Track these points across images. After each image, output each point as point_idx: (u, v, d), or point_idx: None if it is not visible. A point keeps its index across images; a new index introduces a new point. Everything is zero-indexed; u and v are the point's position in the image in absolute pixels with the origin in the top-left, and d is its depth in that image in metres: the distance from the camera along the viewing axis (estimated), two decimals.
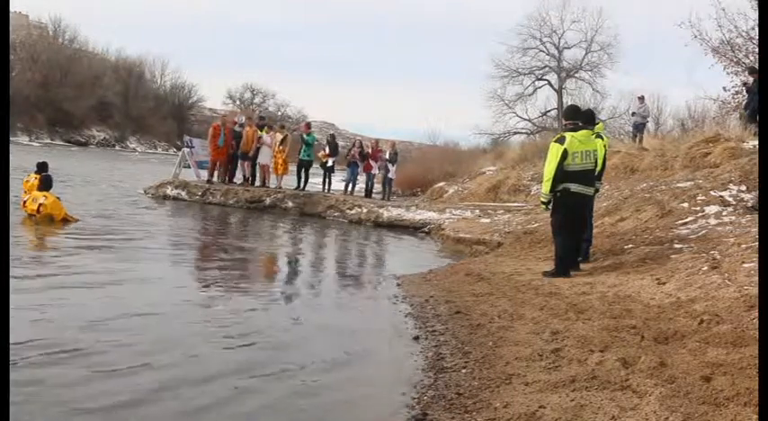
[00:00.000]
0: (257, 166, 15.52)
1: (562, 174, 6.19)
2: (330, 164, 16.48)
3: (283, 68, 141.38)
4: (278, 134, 15.45)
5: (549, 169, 6.21)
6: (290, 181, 15.67)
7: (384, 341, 4.62)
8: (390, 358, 4.16)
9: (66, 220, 8.80)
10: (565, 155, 6.14)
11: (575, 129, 6.32)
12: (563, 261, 6.37)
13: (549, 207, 6.43)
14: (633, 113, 18.40)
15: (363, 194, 16.38)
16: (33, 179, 9.87)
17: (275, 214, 13.68)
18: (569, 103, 16.68)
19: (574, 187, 6.26)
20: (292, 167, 15.89)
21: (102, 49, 60.86)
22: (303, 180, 15.50)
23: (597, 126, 7.07)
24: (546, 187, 6.29)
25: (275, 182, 15.32)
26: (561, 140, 6.21)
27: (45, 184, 9.12)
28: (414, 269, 7.62)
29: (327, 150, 16.54)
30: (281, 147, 15.09)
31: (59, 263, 6.25)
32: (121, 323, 4.41)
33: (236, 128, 15.65)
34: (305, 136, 15.90)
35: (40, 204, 8.66)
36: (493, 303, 5.27)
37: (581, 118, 6.58)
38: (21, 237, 7.67)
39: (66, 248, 7.11)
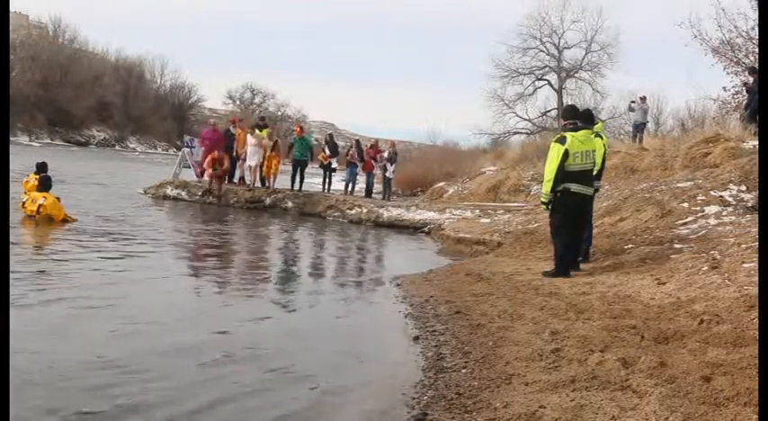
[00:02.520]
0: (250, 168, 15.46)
1: (562, 175, 6.18)
2: (334, 166, 16.51)
3: (283, 68, 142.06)
4: (265, 138, 14.99)
5: (550, 169, 6.20)
6: (284, 182, 15.61)
7: (384, 341, 4.62)
8: (390, 358, 4.16)
9: (65, 221, 8.80)
10: (566, 155, 6.14)
11: (575, 129, 6.32)
12: (563, 261, 6.37)
13: (550, 207, 6.43)
14: (631, 107, 18.28)
15: (363, 194, 16.38)
16: (33, 180, 9.88)
17: (275, 214, 13.68)
18: (568, 103, 16.64)
19: (574, 187, 6.26)
20: (287, 168, 15.86)
21: (102, 49, 60.89)
22: (298, 180, 15.29)
23: (596, 126, 7.07)
24: (547, 187, 6.29)
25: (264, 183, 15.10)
26: (562, 141, 6.20)
27: (44, 185, 9.12)
28: (414, 269, 7.61)
29: (327, 151, 16.54)
30: (273, 153, 14.89)
31: (62, 271, 5.97)
32: (150, 363, 3.70)
33: (231, 129, 15.68)
34: (297, 138, 15.78)
35: (40, 205, 8.65)
36: (493, 303, 5.27)
37: (580, 117, 6.58)
38: (21, 240, 7.64)
39: (68, 253, 6.93)
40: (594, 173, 6.61)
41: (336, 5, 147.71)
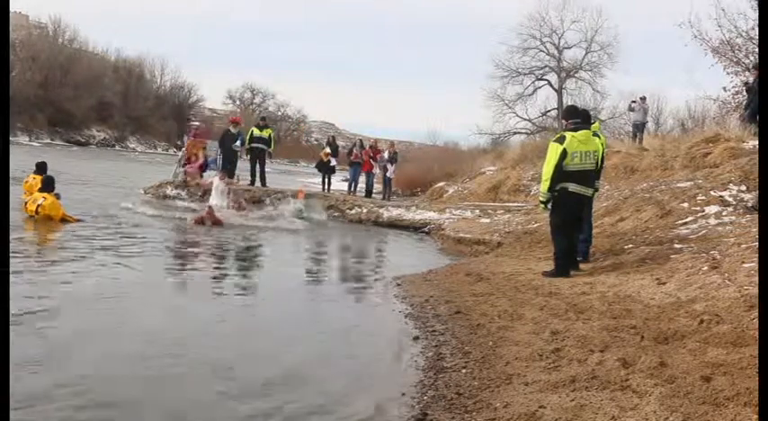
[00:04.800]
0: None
1: (561, 174, 6.18)
2: (333, 163, 16.53)
3: (283, 68, 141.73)
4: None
5: (548, 169, 6.21)
6: (286, 183, 15.62)
7: (384, 341, 4.62)
8: (390, 358, 4.16)
9: (64, 221, 8.78)
10: (564, 154, 6.14)
11: (575, 129, 6.32)
12: (562, 261, 6.37)
13: (548, 206, 6.43)
14: (631, 107, 18.37)
15: (363, 194, 16.39)
16: (32, 179, 9.89)
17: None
18: (568, 104, 16.67)
19: (572, 187, 6.26)
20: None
21: (102, 49, 60.73)
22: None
23: (593, 125, 7.08)
24: (544, 186, 6.28)
25: None
26: (561, 140, 6.21)
27: (46, 186, 9.13)
28: (414, 269, 7.61)
29: (329, 150, 16.58)
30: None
31: (59, 274, 5.83)
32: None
33: (231, 129, 15.61)
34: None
35: (39, 205, 8.68)
36: (493, 303, 5.27)
37: (581, 117, 6.59)
38: (18, 241, 7.63)
39: (64, 256, 6.83)
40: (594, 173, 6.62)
41: (336, 5, 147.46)
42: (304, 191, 13.69)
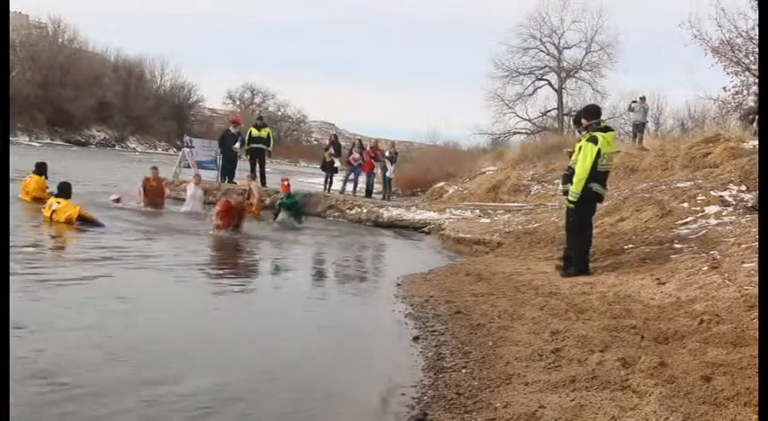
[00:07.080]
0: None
1: (591, 175, 6.23)
2: (336, 164, 16.55)
3: (283, 68, 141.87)
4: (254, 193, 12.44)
5: (585, 167, 6.20)
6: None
7: (384, 341, 4.62)
8: (390, 358, 4.16)
9: (84, 220, 8.70)
10: (598, 155, 6.19)
11: (603, 130, 6.36)
12: (584, 258, 6.43)
13: (574, 206, 6.43)
14: (631, 107, 18.40)
15: (363, 194, 16.39)
16: (30, 179, 9.93)
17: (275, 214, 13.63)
18: (591, 103, 16.55)
19: (596, 187, 6.35)
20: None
21: (102, 49, 60.67)
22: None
23: None
24: (579, 186, 6.26)
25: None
26: (594, 140, 6.23)
27: (61, 192, 9.16)
28: (414, 269, 7.61)
29: (332, 150, 16.59)
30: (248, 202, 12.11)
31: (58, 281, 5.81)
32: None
33: (231, 129, 15.57)
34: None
35: (53, 211, 8.78)
36: (493, 303, 5.28)
37: (596, 116, 6.62)
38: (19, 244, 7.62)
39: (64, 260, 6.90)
40: None
41: (336, 5, 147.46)
42: (286, 180, 12.64)
